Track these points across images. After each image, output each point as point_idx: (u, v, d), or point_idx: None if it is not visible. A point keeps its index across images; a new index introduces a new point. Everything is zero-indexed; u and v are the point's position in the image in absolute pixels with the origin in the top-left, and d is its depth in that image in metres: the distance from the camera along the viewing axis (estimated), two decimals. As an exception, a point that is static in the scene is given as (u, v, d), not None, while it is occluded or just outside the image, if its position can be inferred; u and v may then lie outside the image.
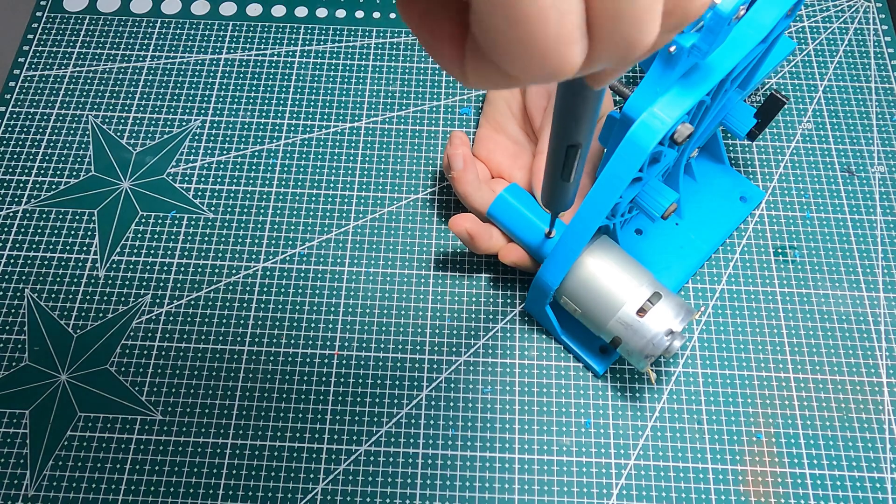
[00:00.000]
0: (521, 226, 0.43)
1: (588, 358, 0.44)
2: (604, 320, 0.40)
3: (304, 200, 0.50)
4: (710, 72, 0.35)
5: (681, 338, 0.39)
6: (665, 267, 0.46)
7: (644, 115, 0.34)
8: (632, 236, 0.47)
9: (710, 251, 0.47)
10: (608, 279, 0.40)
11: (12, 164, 0.51)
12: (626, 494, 0.41)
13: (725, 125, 0.44)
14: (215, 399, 0.43)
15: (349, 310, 0.46)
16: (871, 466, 0.42)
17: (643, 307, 0.39)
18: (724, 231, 0.48)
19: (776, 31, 0.38)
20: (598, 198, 0.37)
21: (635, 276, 0.40)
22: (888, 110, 0.53)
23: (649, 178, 0.38)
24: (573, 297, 0.41)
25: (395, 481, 0.42)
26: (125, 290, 0.46)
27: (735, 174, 0.50)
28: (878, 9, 0.57)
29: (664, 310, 0.39)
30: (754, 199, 0.49)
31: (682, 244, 0.47)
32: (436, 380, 0.44)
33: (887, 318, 0.46)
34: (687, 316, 0.39)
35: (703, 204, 0.49)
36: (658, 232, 0.48)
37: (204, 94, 0.54)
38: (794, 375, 0.44)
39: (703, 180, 0.49)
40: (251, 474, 0.42)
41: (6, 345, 0.45)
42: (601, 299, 0.40)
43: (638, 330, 0.39)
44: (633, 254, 0.46)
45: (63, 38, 0.56)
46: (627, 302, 0.39)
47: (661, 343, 0.38)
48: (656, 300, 0.39)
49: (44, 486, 0.41)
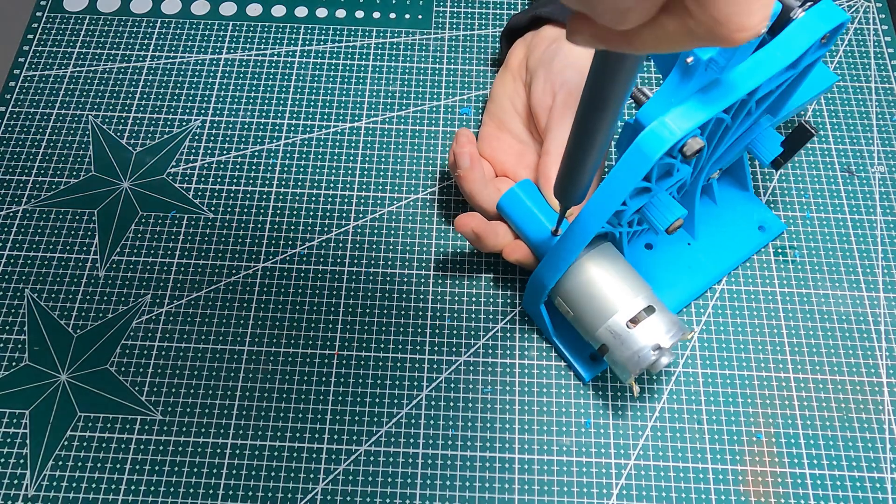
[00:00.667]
0: (528, 222, 0.43)
1: (576, 363, 0.44)
2: (594, 326, 0.40)
3: (304, 200, 0.50)
4: (730, 89, 0.34)
5: (669, 355, 0.38)
6: (670, 285, 0.46)
7: (653, 124, 0.34)
8: (641, 250, 0.47)
9: (719, 276, 0.47)
10: (604, 286, 0.40)
11: (12, 164, 0.51)
12: (626, 494, 0.41)
13: (751, 150, 0.43)
14: (215, 399, 0.43)
15: (349, 310, 0.46)
16: (871, 466, 0.42)
17: (635, 318, 0.39)
18: (737, 258, 0.47)
19: (807, 58, 0.37)
20: (599, 201, 0.37)
21: (632, 287, 0.40)
22: (888, 110, 0.53)
23: (659, 191, 0.38)
24: (567, 298, 0.41)
25: (395, 481, 0.42)
26: (125, 290, 0.47)
27: (757, 203, 0.49)
28: (878, 9, 0.57)
29: (655, 324, 0.39)
30: (773, 231, 0.48)
31: (690, 265, 0.46)
32: (436, 380, 0.44)
33: (887, 318, 0.46)
34: (678, 334, 0.39)
35: (719, 228, 0.48)
36: (668, 249, 0.47)
37: (204, 94, 0.54)
38: (794, 375, 0.44)
39: (723, 204, 0.49)
40: (251, 474, 0.42)
41: (6, 345, 0.45)
42: (594, 304, 0.40)
43: (625, 340, 0.39)
44: (641, 268, 0.46)
45: (63, 38, 0.56)
46: (619, 311, 0.39)
47: (646, 357, 0.38)
48: (649, 313, 0.39)
49: (44, 486, 0.41)
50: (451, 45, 0.56)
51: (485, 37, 0.57)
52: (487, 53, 0.56)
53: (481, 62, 0.55)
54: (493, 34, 0.57)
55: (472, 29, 0.57)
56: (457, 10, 0.58)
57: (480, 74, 0.55)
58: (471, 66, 0.55)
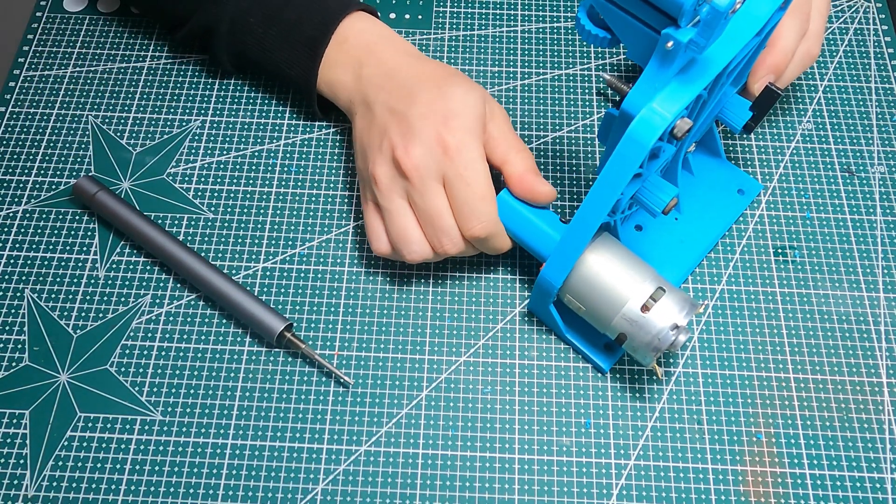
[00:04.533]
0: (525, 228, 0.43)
1: (593, 355, 0.44)
2: (608, 317, 0.40)
3: (304, 200, 0.50)
4: (708, 66, 0.35)
5: (686, 332, 0.39)
6: (666, 262, 0.46)
7: (643, 112, 0.34)
8: (632, 233, 0.47)
9: (710, 245, 0.47)
10: (611, 276, 0.40)
11: (12, 164, 0.51)
12: (626, 494, 0.41)
13: (721, 119, 0.44)
14: (215, 399, 0.43)
15: (349, 310, 0.46)
16: (871, 466, 0.42)
17: (647, 303, 0.39)
18: (724, 224, 0.48)
19: (771, 24, 0.38)
20: (599, 195, 0.37)
21: (638, 272, 0.40)
22: (888, 110, 0.53)
23: (649, 174, 0.38)
24: (577, 295, 0.41)
25: (395, 481, 0.42)
26: (125, 290, 0.46)
27: (732, 167, 0.50)
28: (878, 9, 0.57)
29: (668, 305, 0.39)
30: (752, 191, 0.49)
31: (682, 239, 0.47)
32: (436, 380, 0.44)
33: (887, 318, 0.46)
34: (692, 310, 0.39)
35: (701, 198, 0.49)
36: (658, 227, 0.48)
37: (204, 94, 0.54)
38: (794, 375, 0.44)
39: (700, 174, 0.49)
40: (251, 474, 0.42)
41: (6, 345, 0.45)
42: (605, 296, 0.40)
43: (643, 326, 0.39)
44: (634, 250, 0.46)
45: (63, 38, 0.56)
46: (631, 298, 0.39)
47: (666, 338, 0.38)
48: (660, 295, 0.39)
49: (44, 486, 0.41)
50: (451, 45, 0.56)
51: (485, 37, 0.56)
52: (487, 53, 0.56)
53: (481, 62, 0.55)
54: (493, 34, 0.57)
55: (472, 29, 0.57)
56: (457, 10, 0.58)
57: (480, 74, 0.55)
58: (471, 66, 0.55)
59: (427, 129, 0.41)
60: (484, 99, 0.43)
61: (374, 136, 0.43)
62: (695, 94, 0.35)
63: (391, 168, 0.42)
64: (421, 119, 0.42)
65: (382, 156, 0.42)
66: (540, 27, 0.57)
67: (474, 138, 0.42)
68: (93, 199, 0.47)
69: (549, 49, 0.56)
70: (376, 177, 0.42)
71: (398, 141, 0.42)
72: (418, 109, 0.42)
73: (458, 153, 0.41)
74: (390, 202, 0.42)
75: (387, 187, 0.42)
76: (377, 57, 0.46)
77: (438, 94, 0.42)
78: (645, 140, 0.34)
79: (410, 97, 0.43)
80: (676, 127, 0.35)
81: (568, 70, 0.55)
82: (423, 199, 0.41)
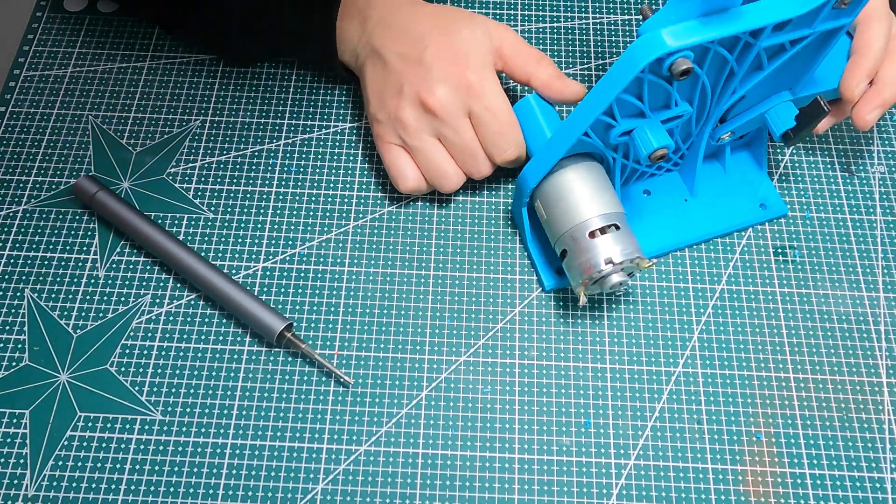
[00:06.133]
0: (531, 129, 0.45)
1: (542, 271, 0.47)
2: (559, 230, 0.42)
3: (304, 200, 0.50)
4: (733, 20, 0.35)
5: (620, 274, 0.41)
6: (657, 228, 0.48)
7: (647, 34, 0.35)
8: (639, 194, 0.49)
9: (707, 235, 0.48)
10: (578, 195, 0.42)
11: (12, 164, 0.51)
12: (626, 494, 0.41)
13: (766, 121, 0.44)
14: (215, 399, 0.43)
15: (349, 310, 0.46)
16: (871, 466, 0.42)
17: (596, 231, 0.41)
18: (729, 225, 0.48)
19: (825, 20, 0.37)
20: (586, 105, 0.38)
21: (604, 204, 0.42)
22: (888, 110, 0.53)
23: (653, 118, 0.39)
24: (545, 202, 0.43)
25: (395, 481, 0.42)
26: (125, 290, 0.47)
27: (766, 180, 0.50)
28: (878, 9, 0.57)
29: (613, 241, 0.41)
30: (775, 211, 0.49)
31: (683, 218, 0.48)
32: (436, 380, 0.44)
33: (887, 318, 0.46)
34: (633, 253, 0.41)
35: (721, 193, 0.49)
36: (665, 199, 0.49)
37: (204, 94, 0.54)
38: (794, 375, 0.44)
39: (732, 174, 0.50)
40: (251, 474, 0.42)
41: (6, 345, 0.45)
42: (565, 210, 0.42)
43: (584, 248, 0.41)
44: (635, 208, 0.48)
45: (63, 38, 0.56)
46: (585, 220, 0.41)
47: (597, 265, 0.40)
48: (611, 231, 0.41)
49: (44, 486, 0.41)
50: (451, 45, 0.56)
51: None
52: (487, 53, 0.56)
53: (481, 62, 0.55)
54: (493, 34, 0.57)
55: (472, 29, 0.57)
56: (457, 10, 0.58)
57: (480, 74, 0.55)
58: (471, 66, 0.55)
59: (445, 70, 0.44)
60: (489, 30, 0.46)
61: (390, 83, 0.46)
62: (706, 38, 0.35)
63: (417, 109, 0.45)
64: (437, 61, 0.45)
65: (406, 99, 0.45)
66: (540, 27, 0.57)
67: (490, 70, 0.45)
68: (93, 198, 0.47)
69: (549, 49, 0.56)
70: (403, 119, 0.45)
71: (421, 84, 0.44)
72: (431, 53, 0.45)
73: (481, 87, 0.44)
74: (421, 141, 0.46)
75: (415, 128, 0.45)
76: (378, 7, 0.48)
77: (447, 37, 0.45)
78: (638, 59, 0.35)
79: (421, 42, 0.45)
80: (675, 63, 0.35)
81: (568, 70, 0.55)
82: (456, 133, 0.45)
